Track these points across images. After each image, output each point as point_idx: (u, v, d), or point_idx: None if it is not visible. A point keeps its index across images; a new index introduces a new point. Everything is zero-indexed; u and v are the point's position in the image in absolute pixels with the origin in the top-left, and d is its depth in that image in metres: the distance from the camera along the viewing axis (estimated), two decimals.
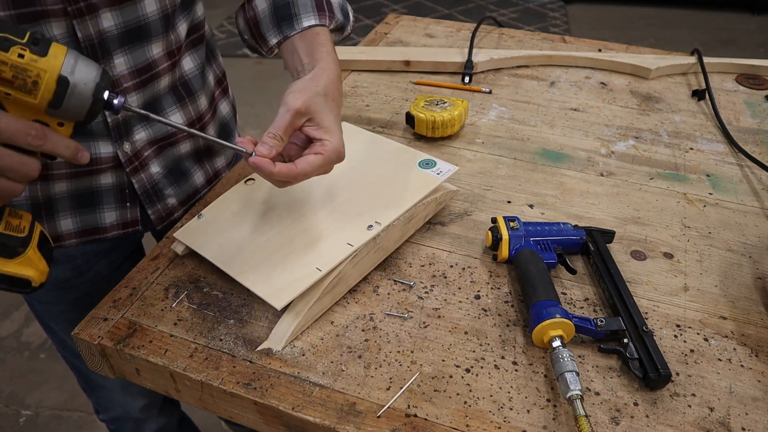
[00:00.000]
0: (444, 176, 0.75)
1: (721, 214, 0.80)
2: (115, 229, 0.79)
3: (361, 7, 4.02)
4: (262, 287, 0.63)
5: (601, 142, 0.95)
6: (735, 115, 1.02)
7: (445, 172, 0.76)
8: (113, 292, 0.68)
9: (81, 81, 0.49)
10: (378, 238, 0.67)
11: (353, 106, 1.03)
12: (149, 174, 0.79)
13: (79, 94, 0.50)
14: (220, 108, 0.89)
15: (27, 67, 0.47)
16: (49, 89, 0.48)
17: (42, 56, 0.47)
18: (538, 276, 0.65)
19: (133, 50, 0.69)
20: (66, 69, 0.49)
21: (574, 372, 0.55)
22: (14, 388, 1.74)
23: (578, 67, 1.16)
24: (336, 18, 0.74)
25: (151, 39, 0.69)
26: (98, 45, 0.65)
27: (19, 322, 1.92)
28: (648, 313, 0.66)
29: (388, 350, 0.61)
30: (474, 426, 0.55)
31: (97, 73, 0.51)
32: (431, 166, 0.77)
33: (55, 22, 0.62)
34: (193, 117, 0.81)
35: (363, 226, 0.67)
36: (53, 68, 0.48)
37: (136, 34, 0.68)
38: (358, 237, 0.66)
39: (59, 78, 0.48)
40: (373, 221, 0.68)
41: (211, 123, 0.87)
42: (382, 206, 0.70)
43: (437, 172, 0.75)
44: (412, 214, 0.71)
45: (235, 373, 0.59)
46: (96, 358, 0.64)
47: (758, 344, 0.63)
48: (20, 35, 0.47)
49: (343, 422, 0.55)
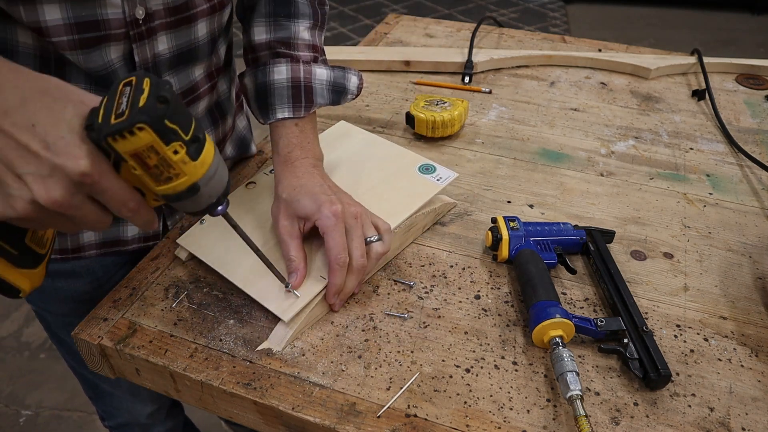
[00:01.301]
0: (444, 183, 0.75)
1: (721, 214, 0.80)
2: (136, 242, 0.77)
3: (361, 7, 4.02)
4: (268, 298, 0.63)
5: (601, 142, 0.95)
6: (735, 115, 1.02)
7: (445, 179, 0.76)
8: (113, 292, 0.68)
9: (207, 193, 0.48)
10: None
11: (353, 106, 1.03)
12: None
13: (196, 202, 0.49)
14: (237, 123, 0.89)
15: (174, 165, 0.44)
16: (176, 190, 0.46)
17: (193, 160, 0.45)
18: (538, 276, 0.65)
19: (179, 72, 0.69)
20: (204, 178, 0.47)
21: (574, 372, 0.55)
22: (14, 388, 1.74)
23: (578, 67, 1.16)
24: (316, 104, 0.72)
25: (197, 62, 0.70)
26: (152, 68, 0.65)
27: (19, 322, 1.92)
28: (648, 313, 0.66)
29: (388, 350, 0.61)
30: (474, 426, 0.55)
31: (223, 185, 0.50)
32: (431, 171, 0.77)
33: (114, 46, 0.60)
34: (220, 137, 0.81)
35: None
36: (194, 175, 0.46)
37: (186, 57, 0.68)
38: None
39: (192, 185, 0.46)
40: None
41: (230, 139, 0.86)
42: (383, 213, 0.70)
43: (437, 178, 0.76)
44: (411, 223, 0.71)
45: (235, 373, 0.59)
46: (96, 358, 0.64)
47: (758, 344, 0.63)
48: (186, 129, 0.44)
49: (343, 422, 0.55)
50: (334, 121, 0.98)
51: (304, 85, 0.71)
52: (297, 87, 0.70)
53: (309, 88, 0.71)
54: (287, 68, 0.70)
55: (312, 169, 0.69)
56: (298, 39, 0.72)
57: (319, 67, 0.72)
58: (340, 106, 1.02)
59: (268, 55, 0.72)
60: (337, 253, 0.61)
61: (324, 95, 0.73)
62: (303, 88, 0.71)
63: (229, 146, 0.86)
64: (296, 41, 0.72)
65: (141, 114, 0.41)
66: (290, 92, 0.70)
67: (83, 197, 0.45)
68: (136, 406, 1.00)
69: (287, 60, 0.71)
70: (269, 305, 0.62)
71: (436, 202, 0.75)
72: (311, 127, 0.73)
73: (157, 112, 0.42)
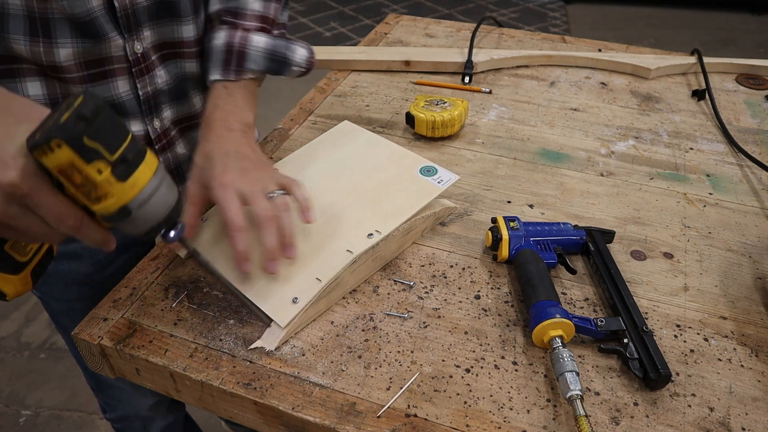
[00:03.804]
0: (445, 185, 0.75)
1: (721, 214, 0.80)
2: None
3: (361, 7, 4.02)
4: (265, 302, 0.63)
5: (601, 142, 0.95)
6: (735, 115, 1.02)
7: (446, 181, 0.75)
8: (113, 292, 0.68)
9: (142, 217, 0.47)
10: (377, 246, 0.67)
11: (353, 106, 1.03)
12: (175, 153, 0.82)
13: (133, 225, 0.48)
14: None
15: (99, 185, 0.44)
16: (108, 211, 0.46)
17: (121, 181, 0.45)
18: (538, 276, 0.65)
19: (161, 26, 0.72)
20: (136, 201, 0.46)
21: (574, 372, 0.55)
22: (14, 388, 1.74)
23: (578, 67, 1.16)
24: (248, 70, 0.73)
25: (180, 17, 0.72)
26: (132, 15, 0.68)
27: (19, 322, 1.92)
28: (648, 313, 0.66)
29: (388, 350, 0.61)
30: (474, 426, 0.55)
31: (164, 210, 0.49)
32: (432, 173, 0.76)
33: None
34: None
35: (363, 234, 0.67)
36: (123, 198, 0.46)
37: (166, 8, 0.71)
38: (357, 244, 0.66)
39: (122, 208, 0.46)
40: (374, 229, 0.68)
41: None
42: (383, 214, 0.70)
43: (438, 180, 0.75)
44: (411, 225, 0.71)
45: (235, 373, 0.59)
46: (96, 358, 0.64)
47: (758, 344, 0.63)
48: (112, 148, 0.44)
49: (343, 422, 0.55)
50: (335, 121, 0.98)
51: (237, 50, 0.73)
52: (229, 51, 0.73)
53: (241, 53, 0.73)
54: (225, 33, 0.73)
55: (226, 133, 0.69)
56: (247, 9, 0.75)
57: (258, 35, 0.74)
58: (339, 105, 1.02)
59: (217, 23, 0.75)
60: (230, 219, 0.60)
61: (258, 62, 0.74)
62: (236, 52, 0.73)
63: None
64: (244, 11, 0.75)
65: (58, 130, 0.41)
66: (223, 56, 0.73)
67: (21, 209, 0.45)
68: (137, 398, 1.01)
69: (228, 27, 0.74)
70: (265, 307, 0.62)
71: (436, 206, 0.75)
72: (243, 93, 0.74)
73: (75, 129, 0.42)
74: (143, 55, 0.71)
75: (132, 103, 0.74)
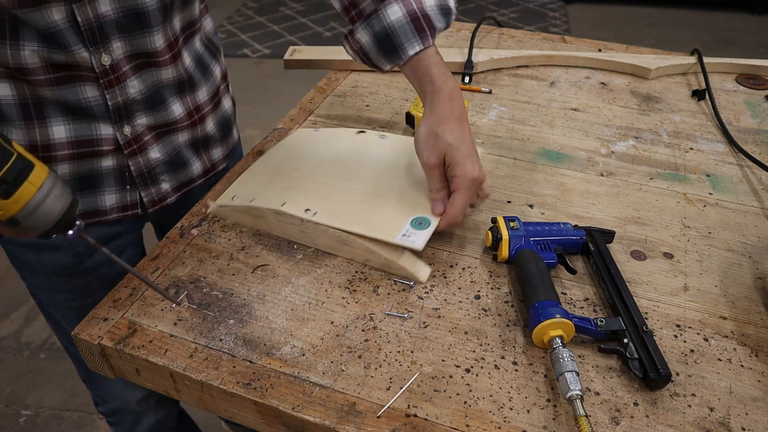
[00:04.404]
0: (408, 243, 0.68)
1: (721, 214, 0.80)
2: (115, 212, 0.82)
3: None
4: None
5: (601, 142, 0.95)
6: (735, 115, 1.02)
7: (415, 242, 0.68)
8: (113, 292, 0.68)
9: (32, 225, 0.54)
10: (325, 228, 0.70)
11: (353, 106, 1.03)
12: (147, 159, 0.81)
13: (28, 230, 0.54)
14: (223, 102, 0.92)
15: None
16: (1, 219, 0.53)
17: (4, 199, 0.52)
18: (539, 276, 0.65)
19: (132, 38, 0.71)
20: (22, 213, 0.53)
21: (574, 372, 0.55)
22: (14, 388, 1.74)
23: (578, 67, 1.16)
24: (438, 29, 0.73)
25: (150, 28, 0.72)
26: (96, 29, 0.67)
27: (19, 322, 1.92)
28: (648, 313, 0.66)
29: (388, 350, 0.61)
30: (474, 426, 0.55)
31: (52, 217, 0.55)
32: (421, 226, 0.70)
33: (55, 7, 0.64)
34: (191, 108, 0.83)
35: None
36: (9, 211, 0.52)
37: (135, 21, 0.70)
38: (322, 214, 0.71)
39: (10, 219, 0.53)
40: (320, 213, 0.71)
41: (212, 115, 0.89)
42: (381, 222, 0.71)
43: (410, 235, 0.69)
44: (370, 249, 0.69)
45: (235, 373, 0.59)
46: (96, 358, 0.64)
47: (758, 344, 0.63)
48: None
49: (343, 422, 0.55)
50: (336, 121, 0.98)
51: (421, 15, 0.71)
52: (416, 19, 0.71)
53: (426, 16, 0.71)
54: (399, 6, 0.71)
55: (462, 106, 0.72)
56: None
57: None
58: (339, 105, 1.02)
59: (371, 2, 0.72)
60: (453, 217, 0.69)
61: (439, 18, 0.73)
62: (422, 17, 0.71)
63: (210, 122, 0.89)
64: None
65: None
66: (412, 26, 0.71)
67: None
68: (127, 391, 1.01)
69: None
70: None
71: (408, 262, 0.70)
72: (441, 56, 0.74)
73: None
74: (112, 66, 0.71)
75: (101, 108, 0.74)
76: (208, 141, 0.90)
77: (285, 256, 0.72)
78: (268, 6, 4.09)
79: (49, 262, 0.84)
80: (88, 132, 0.75)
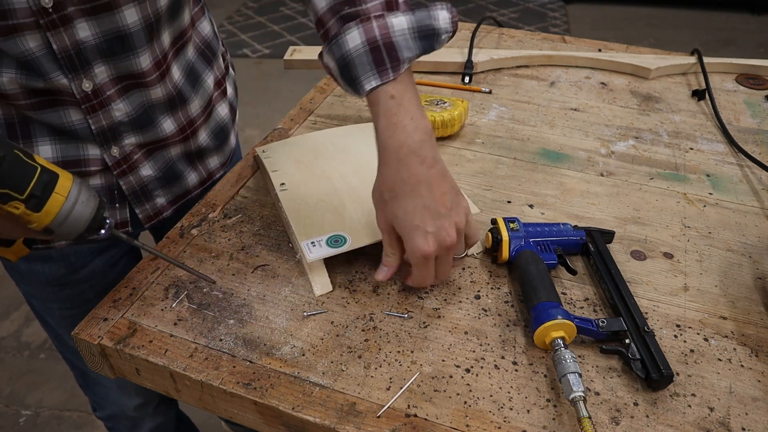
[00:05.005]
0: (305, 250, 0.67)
1: (721, 214, 0.80)
2: None
3: None
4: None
5: (601, 142, 0.95)
6: (735, 115, 1.02)
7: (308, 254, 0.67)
8: (113, 292, 0.68)
9: (65, 232, 0.56)
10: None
11: (353, 106, 1.03)
12: (139, 176, 0.79)
13: (63, 236, 0.57)
14: (217, 110, 0.88)
15: (20, 216, 0.53)
16: (36, 230, 0.55)
17: (36, 212, 0.53)
18: (539, 277, 0.65)
19: (116, 61, 0.69)
20: (54, 223, 0.55)
21: (576, 374, 0.55)
22: (14, 388, 1.74)
23: (578, 67, 1.16)
24: (405, 60, 0.61)
25: (136, 49, 0.69)
26: (75, 56, 0.65)
27: (19, 322, 1.92)
28: (648, 313, 0.66)
29: (388, 350, 0.61)
30: (474, 426, 0.55)
31: (83, 223, 0.56)
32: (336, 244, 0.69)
33: (29, 35, 0.62)
34: (183, 123, 0.81)
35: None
36: (42, 222, 0.54)
37: (118, 44, 0.67)
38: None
39: (45, 228, 0.55)
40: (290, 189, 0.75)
41: (204, 127, 0.86)
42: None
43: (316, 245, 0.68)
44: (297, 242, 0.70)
45: (235, 373, 0.59)
46: (96, 358, 0.64)
47: (758, 344, 0.63)
48: (21, 188, 0.52)
49: (343, 422, 0.55)
50: (335, 121, 0.98)
51: (384, 43, 0.60)
52: (375, 48, 0.60)
53: (390, 44, 0.60)
54: (359, 31, 0.60)
55: (419, 168, 0.60)
56: None
57: (394, 17, 0.61)
58: (339, 105, 1.02)
59: (336, 22, 0.62)
60: (417, 284, 0.64)
61: (411, 46, 0.61)
62: (383, 46, 0.60)
63: (203, 133, 0.86)
64: None
65: None
66: (369, 56, 0.60)
67: None
68: (122, 397, 1.01)
69: (356, 21, 0.60)
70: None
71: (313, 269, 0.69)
72: (409, 95, 0.62)
73: None
74: (95, 92, 0.68)
75: (86, 131, 0.71)
76: (203, 152, 0.87)
77: (285, 256, 0.72)
78: (268, 6, 4.09)
79: (41, 272, 0.83)
80: (75, 152, 0.73)
